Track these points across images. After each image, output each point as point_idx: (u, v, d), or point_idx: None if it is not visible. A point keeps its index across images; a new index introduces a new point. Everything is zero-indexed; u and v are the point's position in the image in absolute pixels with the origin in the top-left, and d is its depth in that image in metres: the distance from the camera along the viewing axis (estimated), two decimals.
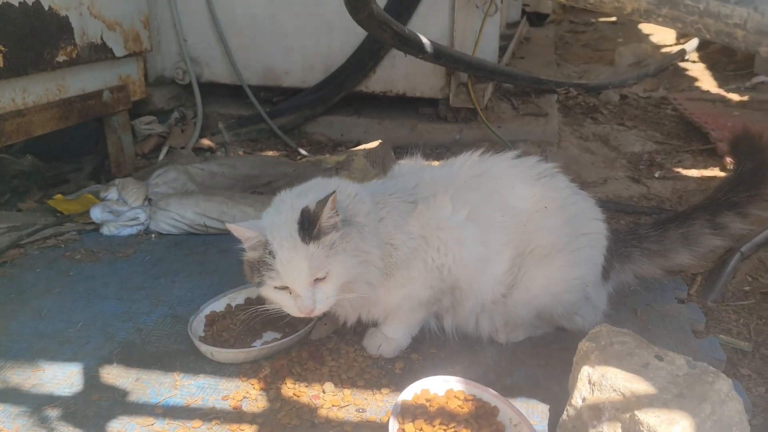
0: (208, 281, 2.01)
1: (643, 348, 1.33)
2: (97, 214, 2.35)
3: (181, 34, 3.46)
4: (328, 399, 1.49)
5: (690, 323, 1.79)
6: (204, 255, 2.19)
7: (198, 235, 2.33)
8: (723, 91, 4.49)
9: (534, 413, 1.46)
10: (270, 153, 3.30)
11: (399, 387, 1.50)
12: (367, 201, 1.55)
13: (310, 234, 1.40)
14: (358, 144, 3.23)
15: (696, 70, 5.28)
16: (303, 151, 3.27)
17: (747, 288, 2.04)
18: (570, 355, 1.41)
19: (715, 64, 5.34)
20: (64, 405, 1.47)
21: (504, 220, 1.61)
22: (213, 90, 3.68)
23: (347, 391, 1.51)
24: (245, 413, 1.45)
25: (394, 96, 3.45)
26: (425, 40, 2.74)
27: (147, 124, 3.33)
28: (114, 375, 1.58)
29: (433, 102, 3.48)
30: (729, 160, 3.01)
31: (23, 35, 2.35)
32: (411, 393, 1.43)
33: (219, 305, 1.80)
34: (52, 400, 1.49)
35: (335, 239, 1.43)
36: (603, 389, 1.26)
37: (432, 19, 3.25)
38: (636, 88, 4.63)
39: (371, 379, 1.56)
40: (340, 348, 1.66)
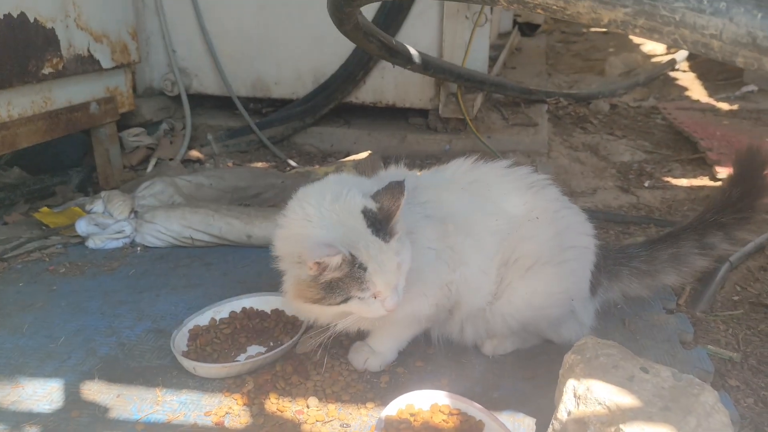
0: (192, 295, 1.99)
1: (629, 360, 1.32)
2: (83, 227, 2.32)
3: (170, 45, 3.46)
4: (312, 414, 1.46)
5: (678, 334, 1.77)
6: (189, 268, 2.17)
7: (183, 248, 2.31)
8: (713, 101, 4.51)
9: (520, 427, 1.44)
10: (259, 164, 3.28)
11: (384, 401, 1.48)
12: None
13: (386, 231, 1.38)
14: (347, 155, 3.22)
15: (686, 79, 5.30)
16: (292, 162, 3.26)
17: (736, 298, 2.03)
18: (557, 368, 1.40)
19: (705, 73, 5.35)
20: (43, 422, 1.44)
21: (498, 224, 1.60)
22: (202, 101, 3.68)
23: (332, 406, 1.49)
24: (227, 429, 1.43)
25: (383, 107, 3.45)
26: (413, 50, 2.74)
27: (135, 135, 3.31)
28: (95, 391, 1.55)
29: (423, 112, 3.47)
30: (718, 169, 3.02)
31: (8, 48, 2.34)
32: (395, 408, 1.41)
33: (203, 319, 1.78)
34: (31, 417, 1.46)
35: (397, 228, 1.41)
36: (588, 402, 1.24)
37: (421, 30, 3.26)
38: (626, 97, 4.64)
39: (356, 394, 1.54)
40: (325, 362, 1.64)
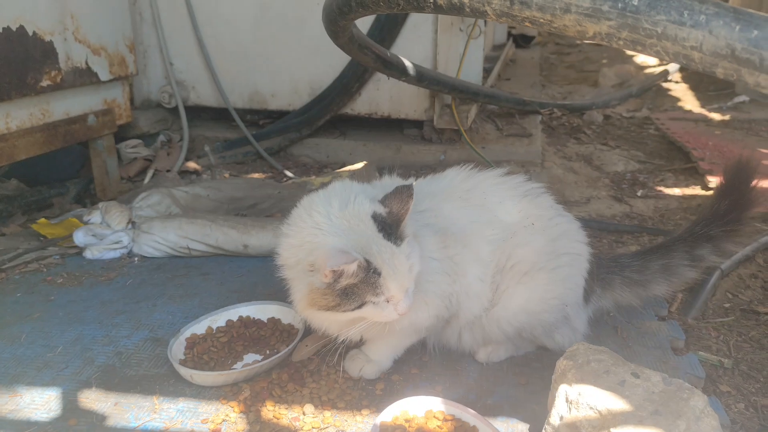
0: (189, 304, 2.01)
1: (620, 365, 1.34)
2: (80, 237, 2.34)
3: (168, 57, 3.49)
4: (308, 421, 1.48)
5: (670, 340, 1.80)
6: (186, 278, 2.18)
7: (180, 258, 2.33)
8: (705, 111, 4.56)
9: None
10: (256, 175, 3.31)
11: (379, 408, 1.49)
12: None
13: (396, 235, 1.40)
14: (343, 165, 3.24)
15: (679, 90, 5.35)
16: (289, 173, 3.28)
17: (727, 305, 2.05)
18: (550, 374, 1.42)
19: (698, 84, 5.41)
20: (41, 431, 1.45)
21: (494, 233, 1.62)
22: (199, 113, 3.71)
23: (327, 413, 1.50)
24: None
25: (379, 118, 3.48)
26: (408, 62, 2.77)
27: (133, 147, 3.34)
28: (93, 399, 1.56)
29: (418, 123, 3.51)
30: (710, 179, 3.05)
31: (6, 60, 2.37)
32: (390, 414, 1.43)
33: (200, 328, 1.79)
34: (29, 425, 1.47)
35: (406, 232, 1.43)
36: (580, 407, 1.26)
37: (415, 42, 3.29)
38: (619, 108, 4.69)
39: (351, 401, 1.55)
40: (320, 369, 1.66)
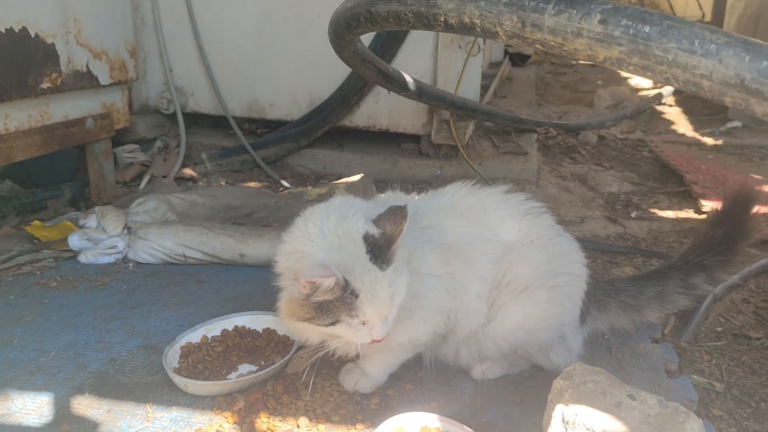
0: (184, 312, 2.00)
1: (617, 387, 1.34)
2: (75, 241, 2.33)
3: (168, 63, 3.49)
4: None
5: (663, 363, 1.81)
6: (181, 285, 2.17)
7: (176, 265, 2.32)
8: (698, 135, 4.61)
9: None
10: (252, 184, 3.30)
11: (374, 423, 1.49)
12: None
13: (384, 258, 1.36)
14: (340, 177, 3.25)
15: (672, 113, 5.41)
16: (285, 183, 3.28)
17: (719, 329, 2.07)
18: (545, 393, 1.42)
19: (691, 108, 5.48)
20: None
21: (494, 251, 1.62)
22: (197, 120, 3.71)
23: (322, 426, 1.50)
24: None
25: (377, 131, 3.49)
26: (408, 78, 2.79)
27: (129, 152, 3.33)
28: (85, 405, 1.55)
29: (416, 138, 3.52)
30: (703, 202, 3.08)
31: (8, 61, 2.36)
32: (386, 429, 1.42)
33: (195, 336, 1.78)
34: (20, 431, 1.46)
35: (396, 256, 1.39)
36: (576, 428, 1.26)
37: (416, 59, 3.32)
38: (614, 129, 4.73)
39: (346, 415, 1.55)
40: (316, 382, 1.65)
